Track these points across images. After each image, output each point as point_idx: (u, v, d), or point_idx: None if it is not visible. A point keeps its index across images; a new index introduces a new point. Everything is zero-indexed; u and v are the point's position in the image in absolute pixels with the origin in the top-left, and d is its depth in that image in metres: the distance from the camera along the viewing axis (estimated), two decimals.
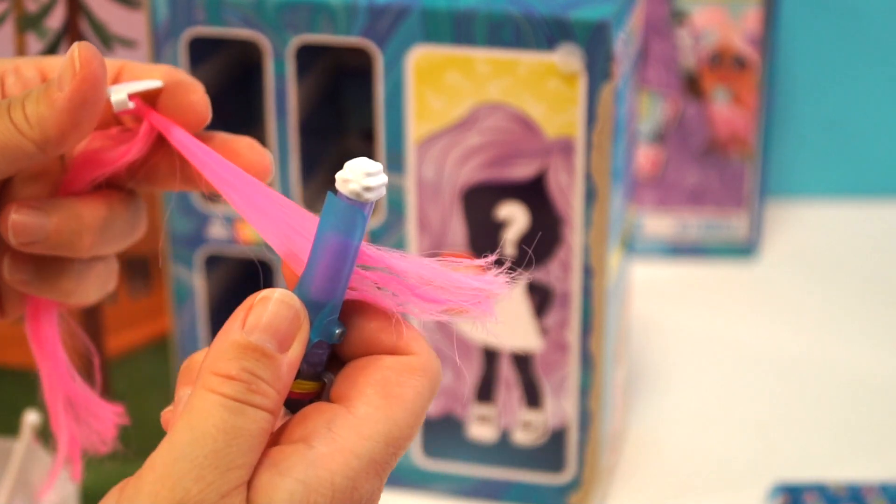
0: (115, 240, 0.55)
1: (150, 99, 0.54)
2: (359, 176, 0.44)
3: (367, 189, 0.44)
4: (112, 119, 0.55)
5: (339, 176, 0.44)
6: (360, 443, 0.43)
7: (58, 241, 0.52)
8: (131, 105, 0.52)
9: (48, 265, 0.54)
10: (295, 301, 0.44)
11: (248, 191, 0.48)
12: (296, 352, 0.44)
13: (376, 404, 0.44)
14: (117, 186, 0.55)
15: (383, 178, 0.44)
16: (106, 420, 0.57)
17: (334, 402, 0.44)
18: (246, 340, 0.43)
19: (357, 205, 0.44)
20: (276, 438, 0.44)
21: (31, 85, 0.53)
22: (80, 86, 0.49)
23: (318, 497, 0.42)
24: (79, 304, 0.56)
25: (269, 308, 0.44)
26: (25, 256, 0.53)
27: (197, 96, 0.53)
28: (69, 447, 0.57)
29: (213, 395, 0.42)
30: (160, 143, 0.54)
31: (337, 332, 0.45)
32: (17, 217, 0.52)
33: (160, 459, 0.42)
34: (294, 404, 0.46)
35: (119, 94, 0.52)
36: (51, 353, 0.56)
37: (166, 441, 0.42)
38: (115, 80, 0.54)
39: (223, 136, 0.55)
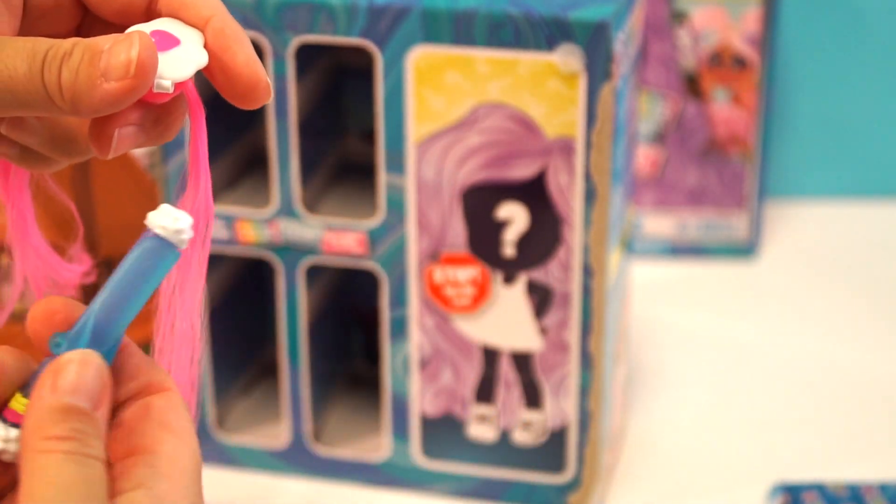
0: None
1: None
2: (171, 220, 0.47)
3: (178, 232, 0.47)
4: None
5: (153, 217, 0.47)
6: (185, 473, 0.46)
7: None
8: (171, 90, 0.49)
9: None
10: (95, 358, 0.46)
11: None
12: (106, 408, 0.46)
13: (174, 442, 0.47)
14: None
15: (186, 224, 0.47)
16: (71, 274, 0.57)
17: (133, 456, 0.47)
18: (66, 403, 0.45)
19: (170, 247, 0.47)
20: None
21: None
22: (129, 87, 0.47)
23: None
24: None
25: (78, 371, 0.45)
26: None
27: (241, 60, 0.50)
28: (33, 282, 0.56)
29: (55, 454, 0.44)
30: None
31: (108, 359, 0.48)
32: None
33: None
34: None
35: (166, 82, 0.48)
36: (19, 205, 0.54)
37: None
38: (148, 6, 0.50)
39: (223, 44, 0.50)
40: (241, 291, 0.90)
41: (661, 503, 0.86)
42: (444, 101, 0.77)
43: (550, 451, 0.83)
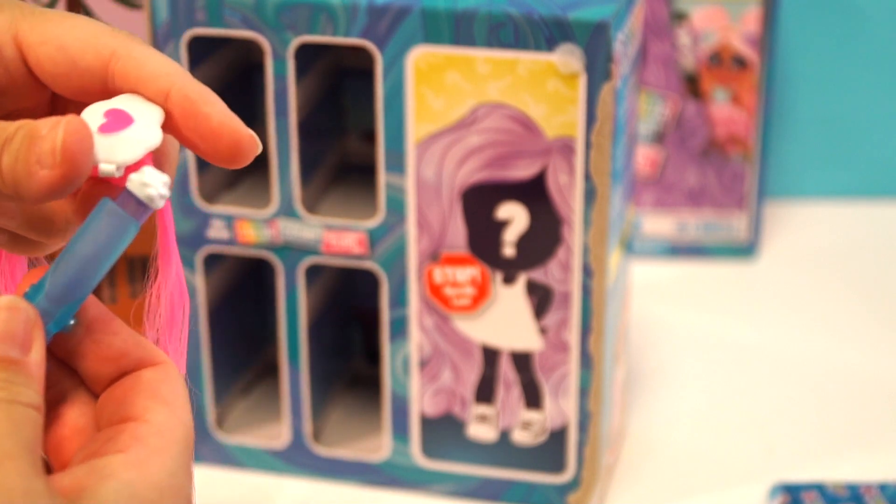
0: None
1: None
2: (158, 183, 0.46)
3: (161, 197, 0.46)
4: None
5: (135, 178, 0.46)
6: (175, 443, 0.46)
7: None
8: (118, 173, 0.46)
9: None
10: (21, 304, 0.45)
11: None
12: (38, 351, 0.45)
13: (165, 412, 0.46)
14: None
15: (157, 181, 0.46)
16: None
17: (122, 423, 0.46)
18: None
19: (140, 212, 0.46)
20: (84, 455, 0.46)
21: (11, 66, 0.48)
22: (59, 175, 0.45)
23: (147, 493, 0.44)
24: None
25: (3, 318, 0.45)
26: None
27: (215, 121, 0.48)
28: None
29: None
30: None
31: (71, 323, 0.47)
32: None
33: None
34: None
35: (109, 166, 0.46)
36: (13, 287, 0.54)
37: None
38: (103, 83, 0.48)
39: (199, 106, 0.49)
40: (241, 291, 0.90)
41: (660, 503, 0.86)
42: (444, 101, 0.77)
43: (550, 451, 0.83)
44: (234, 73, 0.87)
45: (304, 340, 0.85)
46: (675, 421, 0.94)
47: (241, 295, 0.90)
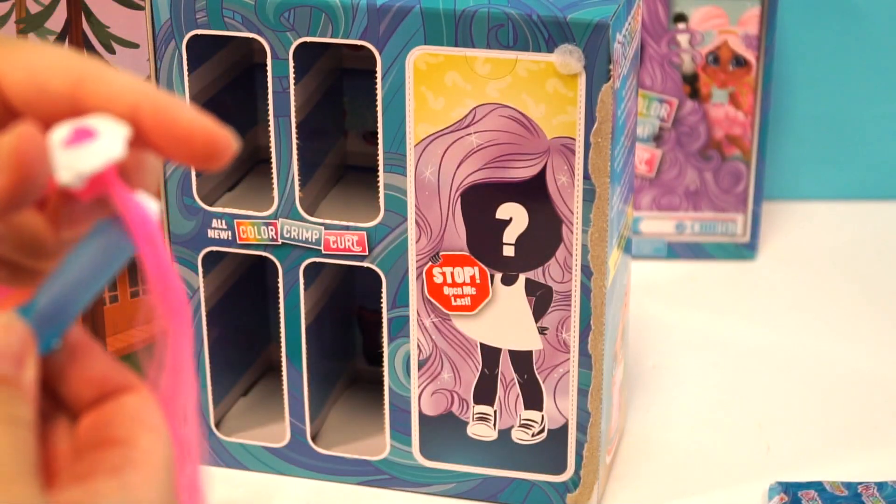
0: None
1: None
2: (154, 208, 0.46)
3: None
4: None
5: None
6: (160, 469, 0.46)
7: None
8: (81, 185, 0.45)
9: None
10: (17, 322, 0.45)
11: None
12: (32, 370, 0.45)
13: (150, 437, 0.46)
14: None
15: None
16: None
17: (106, 445, 0.46)
18: None
19: (127, 241, 0.46)
20: (73, 477, 0.45)
21: None
22: (12, 182, 0.44)
23: None
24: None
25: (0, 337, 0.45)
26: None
27: (186, 121, 0.47)
28: None
29: None
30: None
31: (55, 341, 0.47)
32: None
33: None
34: None
35: (67, 174, 0.45)
36: None
37: None
38: (73, 106, 0.47)
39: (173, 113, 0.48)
40: (242, 291, 0.90)
41: (659, 502, 0.87)
42: (444, 101, 0.77)
43: (550, 450, 0.84)
44: (234, 73, 0.87)
45: (304, 340, 0.85)
46: (674, 420, 0.94)
47: (242, 295, 0.90)
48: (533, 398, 0.83)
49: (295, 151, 0.81)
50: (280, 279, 0.83)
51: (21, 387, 0.45)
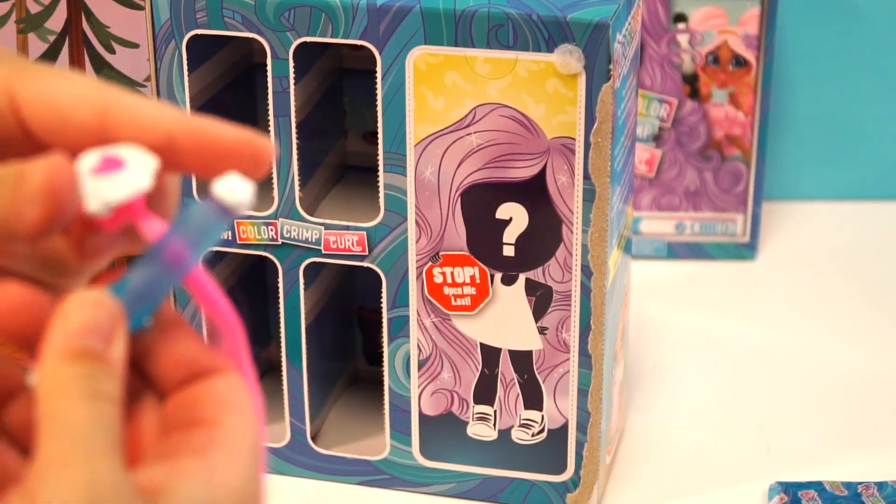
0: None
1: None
2: (246, 193, 0.46)
3: (244, 206, 0.46)
4: None
5: (222, 186, 0.46)
6: (246, 451, 0.46)
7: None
8: (108, 214, 0.46)
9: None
10: (107, 299, 0.45)
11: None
12: (120, 347, 0.45)
13: (238, 418, 0.46)
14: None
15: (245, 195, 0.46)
16: None
17: (194, 426, 0.46)
18: (77, 346, 0.44)
19: (225, 218, 0.46)
20: (158, 455, 0.45)
21: (6, 121, 0.48)
22: (43, 213, 0.45)
23: (224, 498, 0.44)
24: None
25: (89, 313, 0.45)
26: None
27: (230, 138, 0.47)
28: None
29: (68, 399, 0.43)
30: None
31: (146, 319, 0.47)
32: None
33: (52, 447, 0.42)
34: None
35: (95, 203, 0.45)
36: None
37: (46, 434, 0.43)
38: (98, 136, 0.47)
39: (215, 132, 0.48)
40: (242, 291, 0.90)
41: (659, 502, 0.87)
42: (444, 101, 0.77)
43: (549, 450, 0.84)
44: (234, 73, 0.87)
45: (304, 340, 0.85)
46: (674, 420, 0.94)
47: (242, 294, 0.90)
48: (533, 398, 0.83)
49: (295, 151, 0.81)
50: (280, 279, 0.83)
51: (108, 362, 0.44)
